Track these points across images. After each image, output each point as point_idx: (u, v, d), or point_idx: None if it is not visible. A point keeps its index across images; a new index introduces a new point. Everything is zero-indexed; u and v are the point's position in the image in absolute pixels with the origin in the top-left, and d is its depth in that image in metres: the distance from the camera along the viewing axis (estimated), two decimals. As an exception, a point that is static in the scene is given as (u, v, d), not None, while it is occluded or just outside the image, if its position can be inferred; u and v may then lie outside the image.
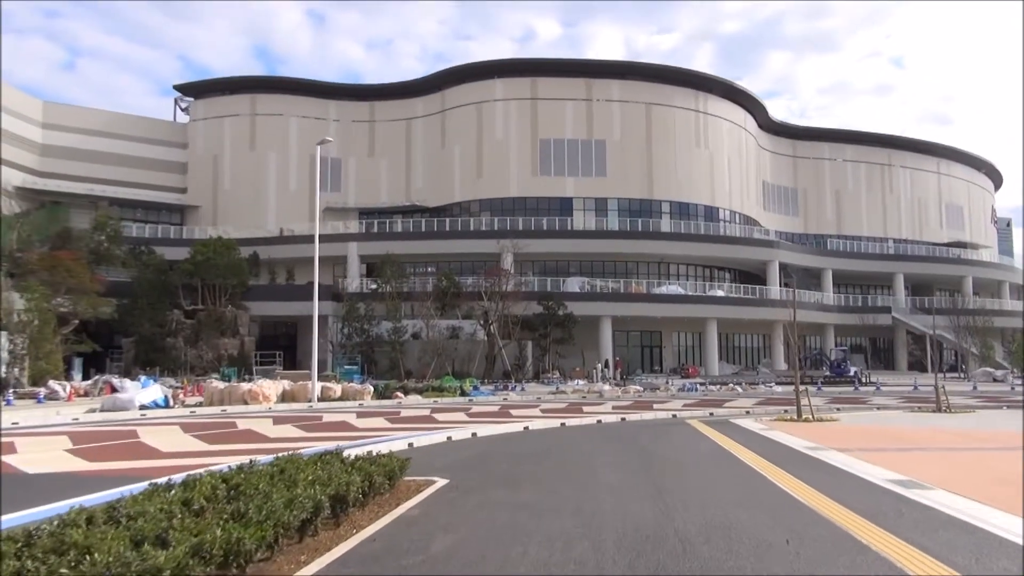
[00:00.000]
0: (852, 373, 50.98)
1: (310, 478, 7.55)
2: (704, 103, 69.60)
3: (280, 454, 9.12)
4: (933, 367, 72.17)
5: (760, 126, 78.35)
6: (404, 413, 24.16)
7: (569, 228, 62.55)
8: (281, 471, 8.06)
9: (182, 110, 72.71)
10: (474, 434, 17.02)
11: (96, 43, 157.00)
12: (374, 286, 56.06)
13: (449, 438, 16.15)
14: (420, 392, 35.31)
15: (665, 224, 65.24)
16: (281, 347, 60.43)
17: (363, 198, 69.78)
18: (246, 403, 27.40)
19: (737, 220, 71.07)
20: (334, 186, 69.94)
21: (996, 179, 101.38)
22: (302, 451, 9.37)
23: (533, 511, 7.87)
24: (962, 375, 59.20)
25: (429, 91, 69.81)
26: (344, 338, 52.16)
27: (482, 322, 51.81)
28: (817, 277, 72.91)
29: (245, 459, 9.85)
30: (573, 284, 59.65)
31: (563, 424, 20.05)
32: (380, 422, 20.63)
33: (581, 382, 47.17)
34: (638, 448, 13.90)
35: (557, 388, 41.33)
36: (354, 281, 60.30)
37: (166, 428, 18.85)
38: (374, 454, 9.72)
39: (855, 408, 27.18)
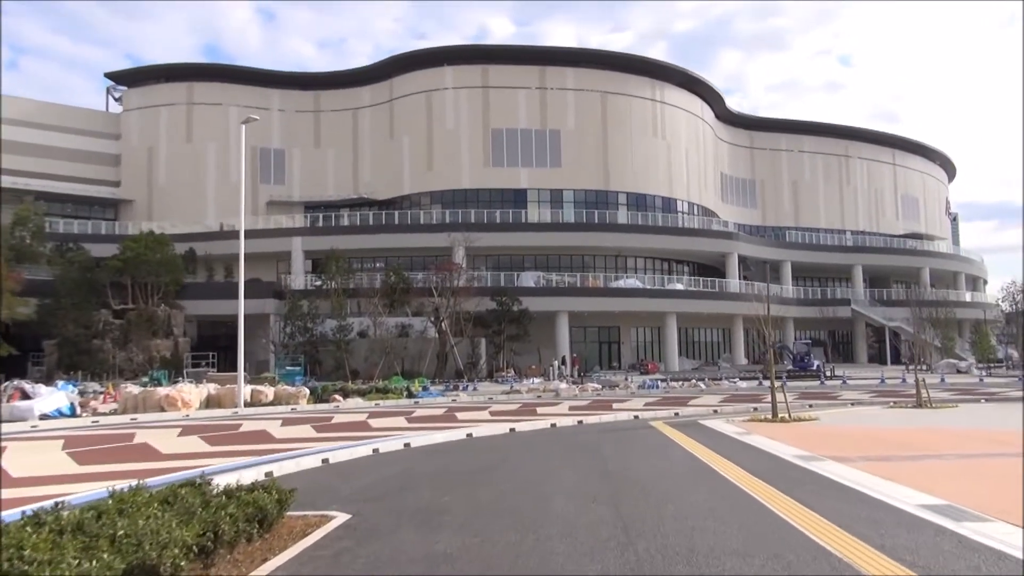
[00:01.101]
0: (815, 366, 49.52)
1: (120, 532, 5.12)
2: (661, 92, 67.79)
3: (119, 486, 6.60)
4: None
5: (718, 117, 76.87)
6: (337, 419, 21.62)
7: (523, 221, 60.16)
8: (98, 517, 5.59)
9: (115, 100, 68.87)
10: (407, 445, 14.61)
11: (41, 42, 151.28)
12: (319, 283, 53.21)
13: (376, 451, 13.71)
14: (363, 394, 32.72)
15: (622, 216, 63.29)
16: (221, 348, 57.17)
17: (309, 191, 66.70)
18: (163, 410, 24.61)
19: (695, 212, 69.48)
20: (278, 179, 66.80)
21: (950, 171, 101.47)
22: (148, 481, 6.89)
23: (450, 571, 5.50)
24: (925, 367, 58.14)
25: (377, 79, 66.93)
26: (286, 338, 49.21)
27: (432, 319, 49.25)
28: (776, 269, 71.60)
29: (117, 484, 7.36)
30: (528, 279, 57.34)
31: (513, 430, 17.72)
32: (305, 431, 18.09)
33: (536, 380, 44.93)
34: (598, 462, 11.59)
35: (511, 387, 39.03)
36: (299, 278, 57.36)
37: (47, 443, 16.10)
38: (275, 476, 7.32)
39: (828, 404, 25.34)
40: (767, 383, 40.82)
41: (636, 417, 21.25)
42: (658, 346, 61.93)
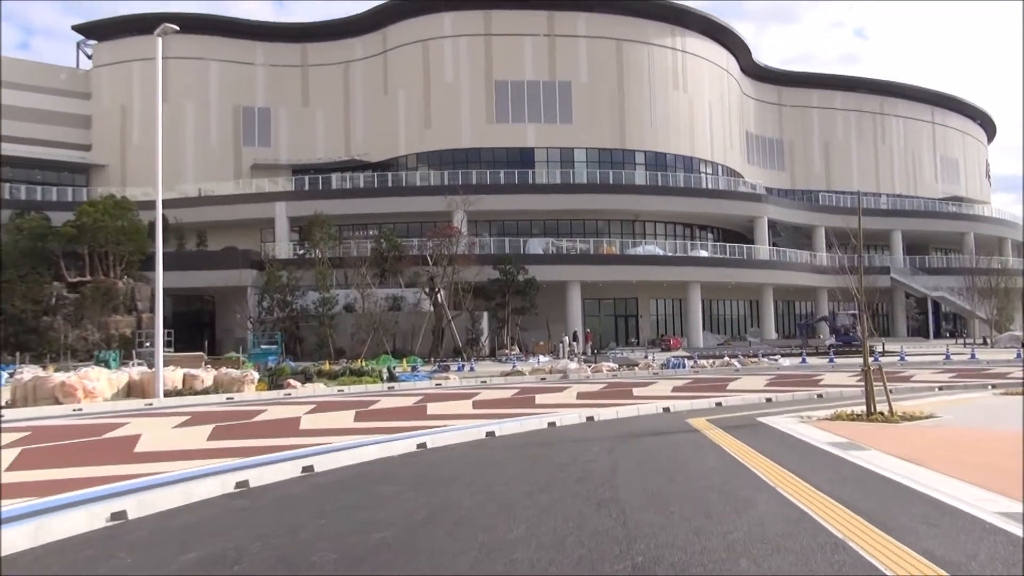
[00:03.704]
0: (859, 339, 43.79)
1: None
2: (682, 41, 61.49)
3: None
4: (956, 333, 65.61)
5: (744, 70, 70.43)
6: (266, 415, 16.12)
7: (530, 182, 54.44)
8: None
9: (87, 56, 63.34)
10: (307, 469, 9.11)
11: (52, 22, 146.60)
12: (301, 251, 47.83)
13: (242, 485, 8.18)
14: (334, 377, 27.34)
15: (639, 176, 57.30)
16: (202, 325, 52.40)
17: (296, 153, 61.08)
18: (58, 402, 19.29)
19: (719, 173, 63.32)
20: (263, 140, 61.24)
21: (989, 130, 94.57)
22: None
23: None
24: (982, 340, 52.19)
25: (369, 30, 60.94)
26: (263, 312, 43.88)
27: (427, 290, 43.75)
28: (808, 235, 65.65)
29: None
30: (536, 245, 51.73)
31: (491, 435, 12.18)
32: (196, 438, 12.51)
33: (544, 358, 39.47)
34: (612, 531, 5.94)
35: (514, 367, 33.43)
36: (282, 246, 52.01)
37: None
38: None
39: (909, 390, 19.52)
40: (813, 360, 35.33)
41: (666, 410, 15.70)
42: (680, 319, 56.29)
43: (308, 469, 9.18)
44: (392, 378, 27.88)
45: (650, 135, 59.09)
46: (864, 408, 13.13)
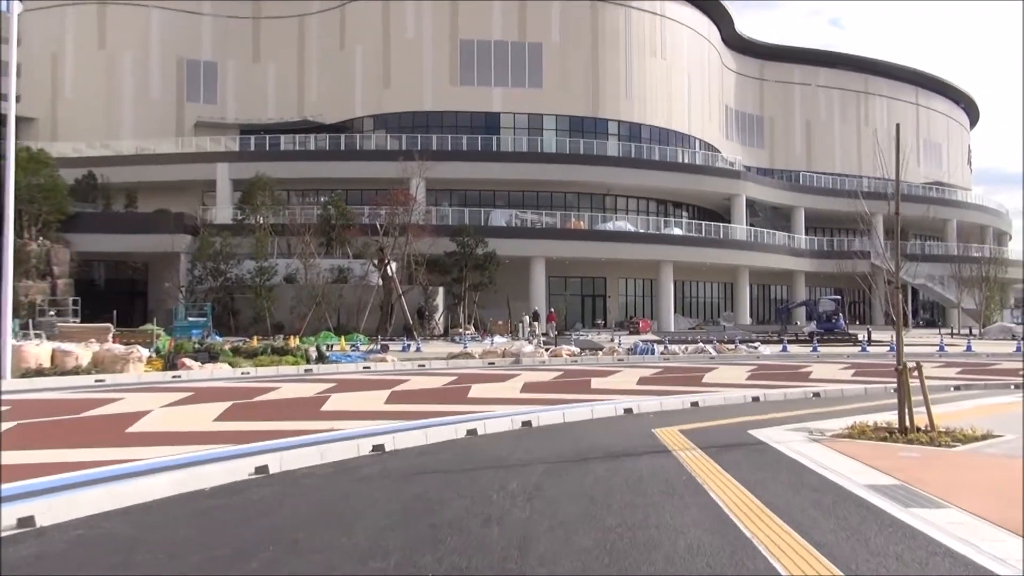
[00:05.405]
0: (841, 327, 40.93)
1: None
2: (662, 6, 57.64)
3: None
4: (937, 322, 63.22)
5: (725, 41, 66.79)
6: (106, 409, 12.47)
7: (495, 149, 50.53)
8: None
9: None
10: (26, 522, 5.45)
11: None
12: (241, 216, 43.70)
13: None
14: (251, 356, 23.65)
15: (612, 147, 53.57)
16: (136, 294, 48.35)
17: (245, 112, 56.53)
18: None
19: (697, 147, 59.81)
20: (208, 97, 56.66)
21: (972, 115, 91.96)
22: None
23: None
24: (967, 331, 49.37)
25: (326, -20, 56.57)
26: (194, 282, 39.85)
27: (376, 262, 39.91)
28: (787, 217, 62.60)
29: None
30: (498, 217, 48.09)
31: (377, 449, 8.58)
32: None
33: (501, 339, 36.02)
34: None
35: (464, 348, 29.92)
36: (223, 210, 47.73)
37: None
38: None
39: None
40: (794, 348, 32.21)
41: (628, 412, 12.23)
42: (651, 301, 53.03)
43: (26, 522, 5.52)
44: (321, 358, 24.20)
45: (625, 104, 55.41)
46: (892, 419, 9.72)
